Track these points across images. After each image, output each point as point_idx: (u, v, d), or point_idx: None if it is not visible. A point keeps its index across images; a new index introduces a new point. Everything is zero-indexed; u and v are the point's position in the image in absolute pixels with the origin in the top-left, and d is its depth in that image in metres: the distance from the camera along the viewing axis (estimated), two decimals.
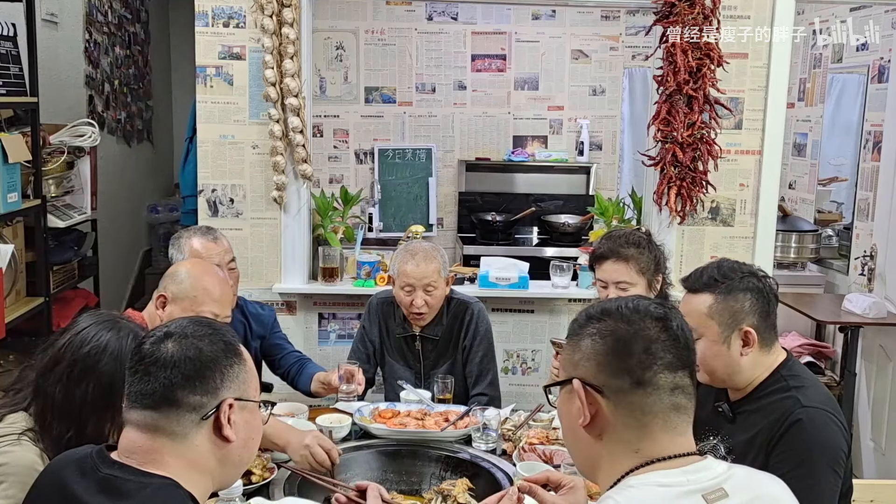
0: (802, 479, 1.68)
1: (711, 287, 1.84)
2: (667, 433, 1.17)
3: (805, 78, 4.89)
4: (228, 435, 1.25)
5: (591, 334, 1.21)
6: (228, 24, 3.32)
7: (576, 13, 5.33)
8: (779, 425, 1.78)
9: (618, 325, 1.19)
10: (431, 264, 2.65)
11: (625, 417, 1.17)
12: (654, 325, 1.18)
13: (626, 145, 5.49)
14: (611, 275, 2.46)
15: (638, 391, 1.16)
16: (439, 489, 2.01)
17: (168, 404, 1.22)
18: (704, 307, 1.83)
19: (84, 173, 3.88)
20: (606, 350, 1.18)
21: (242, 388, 1.28)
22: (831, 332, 4.26)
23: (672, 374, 1.17)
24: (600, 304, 1.25)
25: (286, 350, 2.81)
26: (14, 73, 3.27)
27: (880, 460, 3.76)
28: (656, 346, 1.17)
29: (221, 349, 1.27)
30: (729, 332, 1.82)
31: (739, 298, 1.83)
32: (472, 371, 2.78)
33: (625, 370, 1.16)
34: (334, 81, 5.34)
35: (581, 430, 1.20)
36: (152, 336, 1.28)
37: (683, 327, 1.21)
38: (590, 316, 1.23)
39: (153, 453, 1.22)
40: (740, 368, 1.85)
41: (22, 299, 3.36)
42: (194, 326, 1.28)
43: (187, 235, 2.59)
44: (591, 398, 1.18)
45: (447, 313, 2.78)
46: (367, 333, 2.86)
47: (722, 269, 1.87)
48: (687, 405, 1.18)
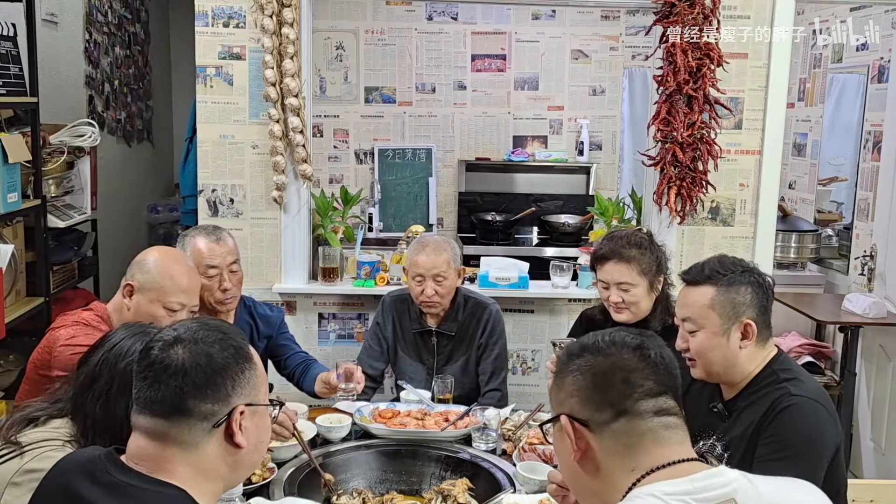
0: (786, 462, 1.70)
1: (713, 279, 1.87)
2: (660, 446, 1.17)
3: (805, 78, 4.89)
4: (240, 442, 1.23)
5: (572, 371, 1.22)
6: (228, 24, 3.32)
7: (576, 13, 5.33)
8: (768, 413, 1.80)
9: (596, 360, 1.21)
10: (442, 255, 2.73)
11: (614, 446, 1.17)
12: (631, 354, 1.20)
13: (626, 145, 5.49)
14: (612, 276, 2.47)
15: (621, 420, 1.17)
16: (439, 489, 2.01)
17: (179, 413, 1.20)
18: (706, 299, 1.86)
19: (84, 173, 3.88)
20: (587, 385, 1.20)
21: (253, 392, 1.27)
22: (831, 332, 4.26)
23: (653, 400, 1.18)
24: (579, 341, 1.27)
25: (292, 351, 2.81)
26: (14, 73, 3.27)
27: (880, 460, 3.76)
28: (635, 375, 1.18)
29: (232, 355, 1.24)
30: (729, 324, 1.84)
31: (741, 291, 1.85)
32: (487, 368, 2.85)
33: (606, 402, 1.18)
34: (334, 81, 5.34)
35: (576, 466, 1.21)
36: (160, 340, 1.25)
37: (662, 353, 1.22)
38: (570, 353, 1.25)
39: (163, 461, 1.20)
40: (737, 361, 1.87)
41: (22, 299, 3.36)
42: (204, 331, 1.25)
43: (192, 235, 2.59)
44: (578, 433, 1.19)
45: (463, 310, 2.85)
46: (381, 330, 2.92)
47: (723, 263, 1.90)
48: (675, 423, 1.19)
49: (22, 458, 1.52)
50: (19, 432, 1.57)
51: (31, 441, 1.55)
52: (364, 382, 2.53)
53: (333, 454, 2.25)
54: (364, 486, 2.13)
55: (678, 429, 1.19)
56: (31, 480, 1.45)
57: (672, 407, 1.19)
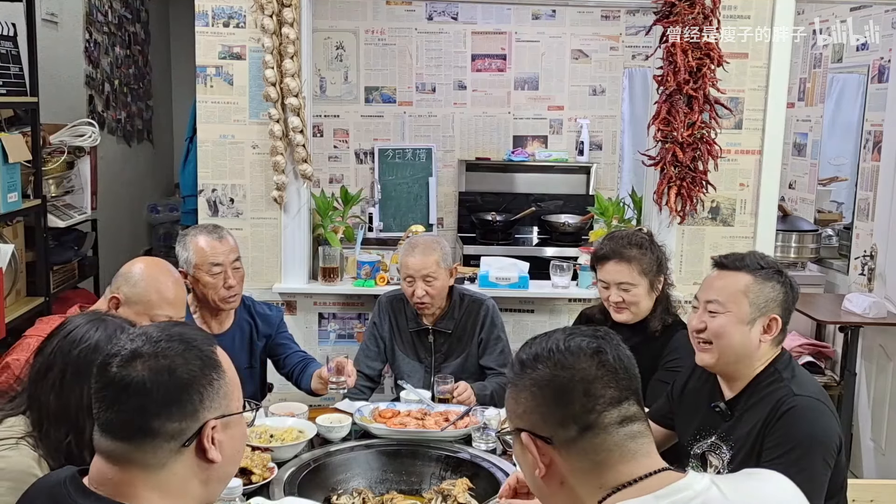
0: (793, 466, 1.71)
1: (753, 270, 1.89)
2: (627, 462, 1.12)
3: (805, 78, 4.89)
4: (213, 457, 1.14)
5: (528, 386, 1.16)
6: (228, 23, 3.32)
7: (576, 13, 5.33)
8: (772, 414, 1.81)
9: (553, 373, 1.14)
10: (431, 256, 2.74)
11: (579, 462, 1.12)
12: (589, 362, 1.14)
13: (626, 145, 5.49)
14: (613, 276, 2.47)
15: (587, 436, 1.12)
16: (439, 489, 2.01)
17: (142, 435, 1.10)
18: (742, 284, 1.87)
19: (84, 173, 3.88)
20: (546, 401, 1.14)
21: (224, 403, 1.16)
22: (831, 332, 4.26)
23: (617, 408, 1.12)
24: (531, 347, 1.19)
25: (291, 350, 2.81)
26: (14, 73, 3.27)
27: (880, 460, 3.76)
28: (595, 385, 1.12)
29: (198, 366, 1.14)
30: (757, 314, 1.86)
31: (776, 288, 1.88)
32: (491, 363, 2.86)
33: (570, 417, 1.12)
34: (334, 81, 5.34)
35: (541, 482, 1.16)
36: (118, 355, 1.13)
37: (620, 355, 1.16)
38: (523, 363, 1.18)
39: (124, 486, 1.12)
40: (752, 353, 1.88)
41: (22, 299, 3.36)
42: (166, 342, 1.14)
43: (193, 233, 2.60)
44: (542, 449, 1.14)
45: (460, 308, 2.86)
46: (378, 330, 2.93)
47: (764, 258, 1.94)
48: (641, 430, 1.14)
49: None
50: None
51: None
52: (355, 375, 2.53)
53: (333, 454, 2.24)
54: (364, 486, 2.13)
55: (643, 437, 1.14)
56: None
57: (635, 413, 1.14)
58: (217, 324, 2.67)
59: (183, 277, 2.59)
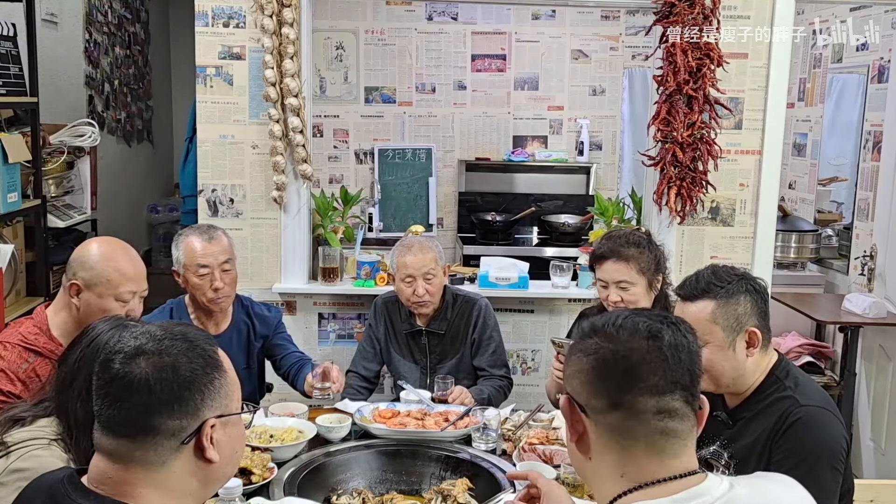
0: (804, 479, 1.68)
1: (711, 293, 1.82)
2: (652, 458, 1.10)
3: (805, 78, 4.89)
4: (211, 457, 1.15)
5: (580, 350, 1.17)
6: (228, 24, 3.32)
7: (576, 13, 5.33)
8: (779, 426, 1.79)
9: (602, 345, 1.14)
10: (428, 254, 2.75)
11: (606, 439, 1.12)
12: (641, 344, 1.12)
13: (626, 145, 5.49)
14: (611, 275, 2.47)
15: (615, 414, 1.11)
16: (439, 489, 2.01)
17: (144, 433, 1.12)
18: (707, 314, 1.81)
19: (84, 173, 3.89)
20: (589, 369, 1.14)
21: (224, 402, 1.18)
22: (831, 332, 4.26)
23: (656, 398, 1.09)
24: (596, 319, 1.19)
25: (288, 350, 2.81)
26: (14, 73, 3.27)
27: (880, 460, 3.77)
28: (640, 367, 1.10)
29: (200, 365, 1.15)
30: (734, 335, 1.81)
31: (741, 301, 1.82)
32: (483, 363, 2.86)
33: (603, 391, 1.12)
34: (334, 81, 5.34)
35: (573, 446, 1.17)
36: (121, 352, 1.15)
37: (678, 344, 1.12)
38: (583, 333, 1.18)
39: (124, 485, 1.13)
40: (745, 371, 1.84)
41: (22, 299, 3.36)
42: (169, 340, 1.16)
43: (186, 233, 2.60)
44: (576, 416, 1.15)
45: (452, 308, 2.86)
46: (374, 332, 2.93)
47: (717, 274, 1.86)
48: (678, 429, 1.10)
49: (8, 457, 1.52)
50: (5, 433, 1.56)
51: (16, 441, 1.54)
52: (341, 381, 2.53)
53: (333, 454, 2.24)
54: (364, 486, 2.13)
55: (678, 437, 1.10)
56: (18, 480, 1.45)
57: (678, 409, 1.10)
58: (214, 324, 2.67)
59: (175, 277, 2.60)
